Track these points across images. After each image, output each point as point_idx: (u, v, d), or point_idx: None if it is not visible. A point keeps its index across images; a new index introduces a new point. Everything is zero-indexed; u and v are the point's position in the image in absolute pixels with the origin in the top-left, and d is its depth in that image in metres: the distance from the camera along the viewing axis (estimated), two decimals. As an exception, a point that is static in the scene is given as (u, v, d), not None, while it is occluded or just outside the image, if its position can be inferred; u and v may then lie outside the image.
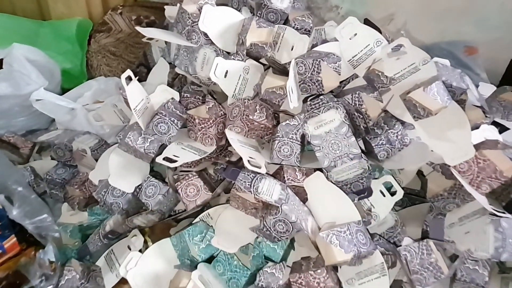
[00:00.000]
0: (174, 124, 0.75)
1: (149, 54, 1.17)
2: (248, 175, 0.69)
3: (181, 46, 0.83)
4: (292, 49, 0.79)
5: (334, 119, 0.71)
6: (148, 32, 0.76)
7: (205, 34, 0.79)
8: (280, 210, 0.65)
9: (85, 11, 1.28)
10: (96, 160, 0.84)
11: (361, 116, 0.70)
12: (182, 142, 0.76)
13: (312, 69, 0.73)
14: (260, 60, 0.82)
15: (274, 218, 0.66)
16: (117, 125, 0.92)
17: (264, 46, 0.78)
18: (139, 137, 0.75)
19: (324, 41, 0.82)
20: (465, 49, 1.13)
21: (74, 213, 0.86)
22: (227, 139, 0.76)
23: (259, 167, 0.69)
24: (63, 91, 1.11)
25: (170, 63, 0.91)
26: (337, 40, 0.79)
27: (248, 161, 0.68)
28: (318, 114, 0.72)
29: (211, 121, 0.75)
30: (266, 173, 0.70)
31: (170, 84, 0.88)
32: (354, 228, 0.66)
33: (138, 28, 0.75)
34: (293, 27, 0.82)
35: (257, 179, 0.68)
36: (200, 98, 0.82)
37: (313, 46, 0.81)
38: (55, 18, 1.31)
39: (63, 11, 1.29)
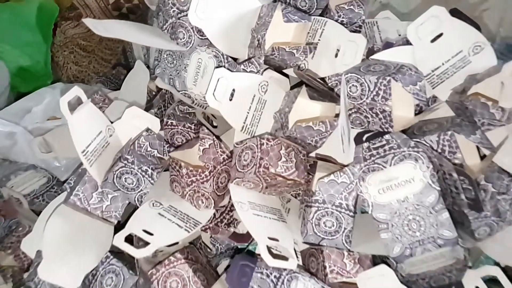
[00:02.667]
0: (147, 176, 0.47)
1: (129, 51, 0.89)
2: (269, 275, 0.41)
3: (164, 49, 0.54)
4: (336, 56, 0.51)
5: (412, 179, 0.42)
6: (103, 27, 0.47)
7: (200, 31, 0.50)
8: None
9: (50, -9, 1.00)
10: (39, 214, 0.57)
11: (464, 179, 0.42)
12: (160, 202, 0.48)
13: (375, 92, 0.44)
14: (284, 71, 0.54)
15: None
16: (75, 157, 0.64)
17: (295, 51, 0.49)
18: (94, 193, 0.47)
19: (388, 44, 0.54)
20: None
21: (7, 288, 0.59)
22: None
23: (287, 259, 0.41)
24: (21, 95, 0.83)
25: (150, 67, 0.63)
26: (407, 42, 0.51)
27: (268, 248, 0.40)
28: (384, 167, 0.43)
29: (207, 172, 0.47)
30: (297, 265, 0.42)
31: (150, 103, 0.60)
32: None
33: (86, 21, 0.46)
34: (337, 21, 0.53)
35: (283, 283, 0.40)
36: (192, 127, 0.54)
37: (368, 51, 0.52)
38: (14, 0, 1.03)
39: (22, -10, 1.00)
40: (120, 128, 0.51)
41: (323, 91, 0.48)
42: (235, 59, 0.52)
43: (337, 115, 0.48)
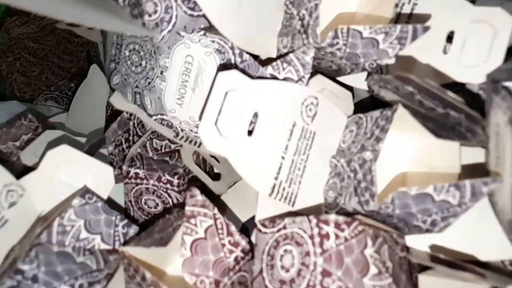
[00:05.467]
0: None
1: (95, 56, 0.65)
2: None
3: (124, 37, 0.30)
4: (446, 51, 0.27)
5: None
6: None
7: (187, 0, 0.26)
8: None
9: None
10: None
11: None
12: None
13: None
14: (341, 79, 0.30)
15: None
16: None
17: (381, 36, 0.25)
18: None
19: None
20: None
21: None
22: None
23: None
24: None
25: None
26: None
27: None
28: None
29: (202, 293, 0.22)
30: None
31: (101, 137, 0.35)
32: None
33: None
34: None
35: None
36: (175, 181, 0.30)
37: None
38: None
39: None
40: (35, 189, 0.27)
41: (439, 115, 0.24)
42: (255, 58, 0.27)
43: (474, 167, 0.23)
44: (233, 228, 0.24)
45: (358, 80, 0.30)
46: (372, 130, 0.24)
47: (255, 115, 0.25)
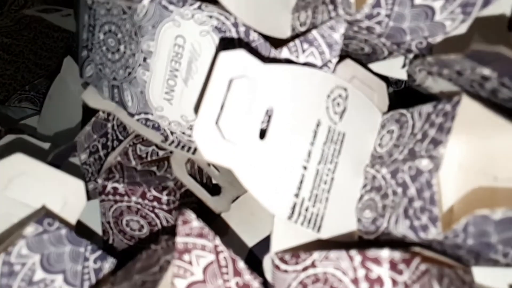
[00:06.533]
0: None
1: (75, 49, 0.59)
2: None
3: (97, 16, 0.24)
4: (511, 28, 0.21)
5: None
6: None
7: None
8: None
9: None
10: None
11: None
12: None
13: None
14: (374, 68, 0.24)
15: None
16: None
17: (438, 4, 0.19)
18: None
19: None
20: None
21: None
22: None
23: None
24: None
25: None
26: None
27: None
28: None
29: None
30: None
31: (71, 143, 0.29)
32: None
33: None
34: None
35: None
36: (163, 198, 0.23)
37: None
38: None
39: None
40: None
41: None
42: (267, 38, 0.21)
43: None
44: (241, 264, 0.17)
45: (391, 67, 0.25)
46: (424, 130, 0.18)
47: (269, 111, 0.19)
